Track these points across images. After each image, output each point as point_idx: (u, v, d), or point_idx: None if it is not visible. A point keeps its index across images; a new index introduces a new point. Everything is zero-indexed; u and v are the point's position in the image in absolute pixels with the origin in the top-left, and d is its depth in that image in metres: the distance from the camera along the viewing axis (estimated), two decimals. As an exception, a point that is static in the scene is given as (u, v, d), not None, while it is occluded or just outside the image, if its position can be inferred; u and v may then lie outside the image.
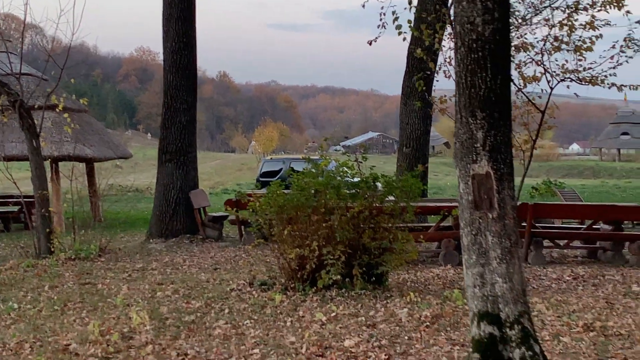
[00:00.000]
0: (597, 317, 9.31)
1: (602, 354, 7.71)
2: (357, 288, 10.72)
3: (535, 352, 5.43)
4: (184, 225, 17.80)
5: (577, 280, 12.40)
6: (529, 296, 10.49)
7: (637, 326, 8.87)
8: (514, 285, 5.45)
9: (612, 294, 11.07)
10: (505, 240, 5.45)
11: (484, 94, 5.48)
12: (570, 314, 9.46)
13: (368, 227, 11.06)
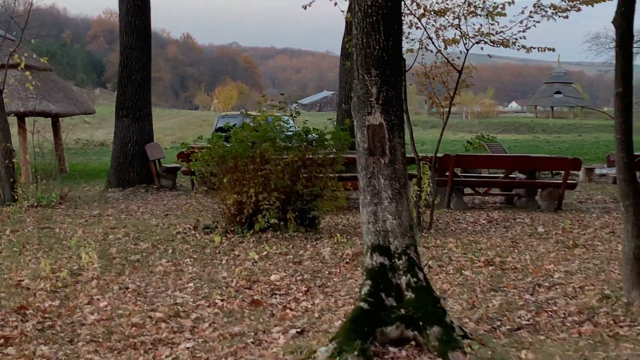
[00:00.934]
0: (499, 254, 9.77)
1: (495, 284, 8.16)
2: (290, 230, 11.09)
3: (419, 278, 5.79)
4: (140, 176, 17.97)
5: (491, 223, 12.87)
6: (446, 237, 10.98)
7: (532, 261, 9.34)
8: (402, 222, 5.79)
9: (518, 235, 11.55)
10: (395, 183, 5.78)
11: (377, 54, 5.77)
12: (475, 252, 9.90)
13: (302, 176, 11.39)
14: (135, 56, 18.13)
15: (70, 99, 24.49)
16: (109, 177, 18.48)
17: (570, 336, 6.20)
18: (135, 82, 18.09)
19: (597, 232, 11.69)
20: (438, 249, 10.16)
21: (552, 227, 12.16)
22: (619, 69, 6.84)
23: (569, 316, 6.79)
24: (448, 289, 7.96)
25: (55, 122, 24.23)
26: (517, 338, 6.12)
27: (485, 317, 6.76)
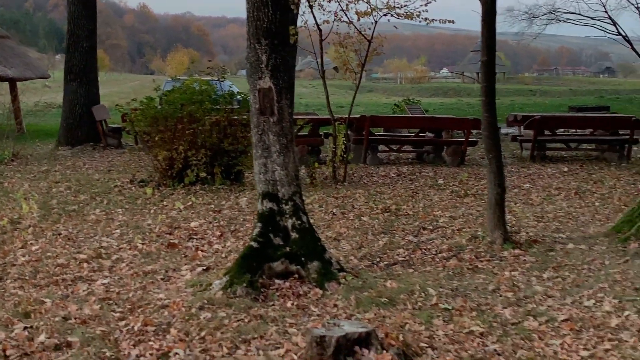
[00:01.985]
0: (397, 202, 10.19)
1: (386, 228, 8.59)
2: (217, 183, 11.38)
3: (303, 221, 6.17)
4: (87, 135, 17.95)
5: (399, 177, 13.25)
6: (357, 188, 11.36)
7: (424, 209, 9.79)
8: (289, 172, 6.13)
9: (420, 186, 11.98)
10: (282, 139, 6.11)
11: (267, 25, 6.05)
12: (377, 201, 10.30)
13: (228, 134, 11.65)
14: (82, 25, 18.04)
15: (26, 65, 24.26)
16: (59, 136, 18.45)
17: (435, 269, 6.68)
18: (82, 49, 18.02)
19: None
20: (346, 198, 10.54)
21: (451, 180, 12.63)
22: (484, 40, 7.24)
23: (439, 253, 7.27)
24: (345, 232, 8.36)
25: (12, 86, 23.98)
26: (390, 271, 6.58)
27: (368, 255, 7.21)
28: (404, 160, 15.98)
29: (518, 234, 7.99)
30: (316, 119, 14.69)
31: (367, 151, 14.82)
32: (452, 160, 14.80)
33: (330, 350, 4.36)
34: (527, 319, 5.28)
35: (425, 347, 4.67)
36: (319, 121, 14.56)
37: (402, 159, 16.18)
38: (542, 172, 13.60)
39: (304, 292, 5.83)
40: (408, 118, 17.62)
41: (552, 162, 14.86)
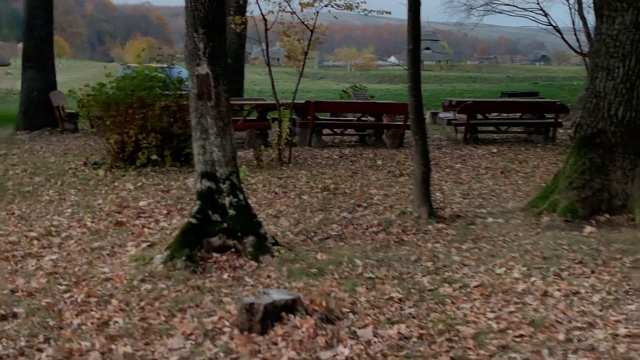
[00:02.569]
0: (337, 182, 10.33)
1: (324, 205, 8.73)
2: (167, 165, 11.39)
3: (240, 199, 6.26)
4: (45, 120, 17.72)
5: (341, 158, 13.38)
6: (300, 169, 11.47)
7: (361, 187, 9.95)
8: (226, 154, 6.22)
9: (360, 167, 12.13)
10: (219, 122, 6.18)
11: (203, 15, 6.11)
12: (317, 180, 10.44)
13: (177, 118, 11.65)
14: (38, 14, 17.79)
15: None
16: (18, 121, 18.19)
17: (364, 242, 6.85)
18: (38, 37, 17.78)
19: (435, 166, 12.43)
20: (289, 178, 10.65)
21: (389, 161, 12.81)
22: (410, 30, 7.40)
23: (370, 228, 7.44)
24: (285, 209, 8.47)
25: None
26: (322, 245, 6.73)
27: (304, 230, 7.34)
28: (347, 143, 16.10)
29: (444, 210, 8.22)
30: (263, 104, 14.74)
31: (311, 134, 14.91)
32: (392, 143, 15.00)
33: (259, 316, 4.49)
34: (443, 286, 5.49)
35: (347, 311, 4.83)
36: (266, 106, 14.61)
37: (345, 142, 16.30)
38: (473, 153, 13.88)
39: (240, 265, 5.95)
40: (350, 103, 17.77)
41: (483, 144, 15.15)
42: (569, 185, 7.46)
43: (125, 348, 4.26)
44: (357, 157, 13.41)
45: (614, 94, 7.21)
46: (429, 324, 4.64)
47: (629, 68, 7.15)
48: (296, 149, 13.21)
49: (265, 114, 15.07)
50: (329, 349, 4.23)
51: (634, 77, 7.14)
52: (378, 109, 15.66)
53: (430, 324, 4.65)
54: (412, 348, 4.28)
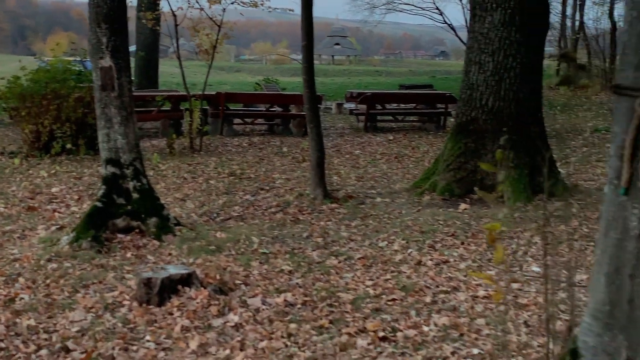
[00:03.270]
0: (243, 168, 10.41)
1: (229, 189, 8.80)
2: (81, 154, 11.20)
3: (143, 183, 6.28)
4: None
5: (250, 146, 13.43)
6: (210, 157, 11.46)
7: (265, 172, 10.04)
8: (129, 141, 6.22)
9: (267, 154, 12.22)
10: (123, 111, 6.18)
11: (105, 11, 6.09)
12: (225, 166, 10.49)
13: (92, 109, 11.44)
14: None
15: None
16: (-64, 114, 17.47)
17: (263, 221, 6.98)
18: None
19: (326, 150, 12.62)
20: (198, 165, 10.66)
21: (294, 148, 12.95)
22: (304, 27, 7.55)
23: (269, 209, 7.58)
24: (191, 193, 8.51)
25: None
26: (223, 225, 6.82)
27: (208, 212, 7.42)
28: (257, 132, 16.15)
29: (338, 192, 8.43)
30: (175, 95, 14.61)
31: (223, 124, 14.92)
32: (298, 131, 15.14)
33: (156, 290, 4.57)
34: (330, 259, 5.68)
35: (240, 283, 4.96)
36: (178, 97, 14.48)
37: (255, 131, 16.34)
38: (372, 140, 14.17)
39: (143, 244, 5.98)
40: (259, 95, 17.81)
41: (382, 132, 15.47)
42: (447, 167, 7.80)
43: (29, 321, 4.26)
44: (265, 145, 13.50)
45: (485, 86, 7.57)
46: (313, 292, 4.83)
47: (497, 62, 7.52)
48: (208, 138, 13.22)
49: (178, 105, 14.94)
50: (220, 316, 4.36)
51: (502, 70, 7.51)
52: (284, 100, 15.78)
53: (314, 292, 4.84)
54: (296, 313, 4.46)
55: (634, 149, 2.49)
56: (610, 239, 2.61)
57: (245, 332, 4.13)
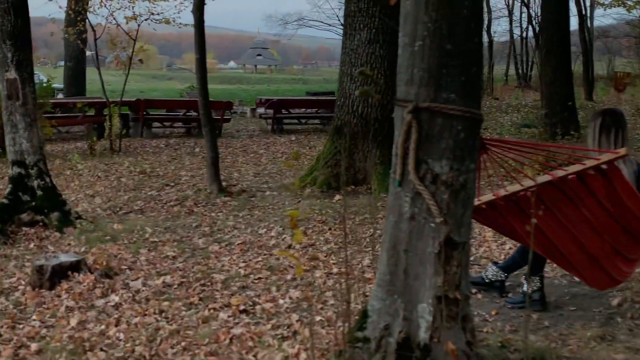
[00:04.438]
0: (154, 166, 10.38)
1: (137, 186, 8.77)
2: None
3: (47, 182, 6.25)
4: None
5: (167, 147, 13.30)
6: (128, 157, 11.35)
7: (173, 171, 10.03)
8: (33, 144, 6.17)
9: (180, 154, 12.20)
10: (27, 118, 6.13)
11: (10, 30, 6.03)
12: (138, 166, 10.42)
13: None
14: None
15: None
16: None
17: (160, 214, 7.06)
18: None
19: (232, 150, 12.74)
20: (114, 164, 10.57)
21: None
22: (197, 42, 7.64)
23: (169, 202, 7.65)
24: (102, 190, 8.47)
25: None
26: (123, 217, 6.86)
27: (112, 206, 7.42)
28: (176, 134, 16.06)
29: (234, 186, 8.57)
30: (97, 102, 14.34)
31: (142, 127, 14.81)
32: (211, 134, 15.16)
33: (47, 275, 4.62)
34: (213, 245, 5.83)
35: (126, 268, 5.05)
36: (98, 104, 14.20)
37: (175, 133, 16.26)
38: (277, 141, 14.33)
39: (46, 236, 5.98)
40: (176, 101, 17.66)
41: (287, 134, 15.67)
42: (325, 164, 8.06)
43: None
44: (180, 146, 13.46)
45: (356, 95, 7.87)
46: (191, 274, 4.97)
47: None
48: (129, 140, 13.11)
49: (101, 111, 14.71)
50: (103, 297, 4.45)
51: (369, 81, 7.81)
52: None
53: (191, 274, 4.98)
54: (172, 293, 4.59)
55: (404, 149, 2.76)
56: (389, 221, 2.88)
57: (123, 310, 4.24)
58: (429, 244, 2.77)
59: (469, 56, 2.72)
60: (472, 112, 2.73)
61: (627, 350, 3.60)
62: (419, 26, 2.70)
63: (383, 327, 2.83)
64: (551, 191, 3.30)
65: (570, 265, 3.76)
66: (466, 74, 2.72)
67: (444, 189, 2.73)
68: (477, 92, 2.79)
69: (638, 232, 3.60)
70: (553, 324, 4.03)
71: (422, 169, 2.74)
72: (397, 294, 2.84)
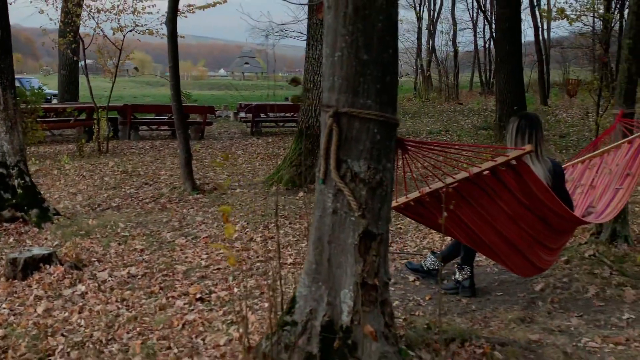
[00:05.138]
0: (136, 166, 10.35)
1: (118, 185, 8.73)
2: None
3: (27, 181, 6.23)
4: None
5: (152, 148, 13.23)
6: (114, 158, 11.28)
7: (153, 170, 10.01)
8: (14, 146, 6.15)
9: (163, 155, 12.16)
10: (8, 122, 6.10)
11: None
12: (121, 166, 10.39)
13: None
14: None
15: None
16: None
17: (134, 210, 7.04)
18: None
19: (212, 151, 12.72)
20: (100, 165, 10.52)
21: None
22: (170, 51, 7.63)
23: (144, 199, 7.63)
24: (84, 188, 8.43)
25: None
26: (100, 213, 6.84)
27: (92, 203, 7.39)
28: (162, 136, 16.02)
29: (208, 184, 8.56)
30: (83, 107, 14.23)
31: (130, 130, 14.75)
32: (195, 136, 15.10)
33: (20, 267, 4.61)
34: (179, 238, 5.84)
35: (95, 260, 5.05)
36: (87, 109, 14.10)
37: (161, 135, 16.21)
38: (255, 142, 14.34)
39: (25, 231, 5.95)
40: (160, 105, 17.59)
41: (264, 136, 15.69)
42: (290, 163, 8.09)
43: None
44: (164, 147, 13.42)
45: (318, 100, 7.90)
46: (155, 266, 4.98)
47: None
48: (117, 142, 13.04)
49: (92, 115, 14.61)
50: (70, 287, 4.45)
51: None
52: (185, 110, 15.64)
53: (156, 265, 5.00)
54: (135, 283, 4.60)
55: (326, 150, 2.80)
56: (315, 216, 2.92)
57: (88, 298, 4.25)
58: (349, 235, 2.81)
59: (384, 66, 2.76)
60: (386, 116, 2.77)
61: (542, 331, 3.68)
62: (338, 38, 2.74)
63: (309, 311, 2.87)
64: (469, 187, 3.36)
65: (495, 255, 3.82)
66: (381, 82, 2.76)
67: (362, 186, 2.77)
68: (393, 98, 2.84)
69: (555, 224, 3.68)
70: (479, 307, 4.10)
71: (342, 168, 2.78)
72: (322, 281, 2.88)
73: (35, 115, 11.63)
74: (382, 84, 2.77)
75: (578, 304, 4.09)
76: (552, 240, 3.84)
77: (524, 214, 3.57)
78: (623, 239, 5.14)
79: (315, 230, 2.91)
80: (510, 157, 3.18)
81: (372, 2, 2.69)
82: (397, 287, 4.54)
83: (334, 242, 2.84)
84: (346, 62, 2.74)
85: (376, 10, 2.70)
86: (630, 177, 4.11)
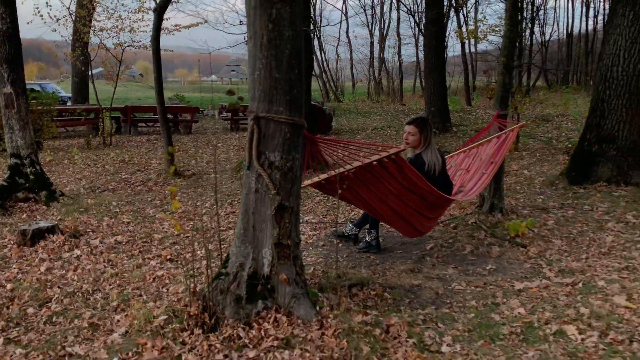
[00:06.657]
0: (134, 157, 10.41)
1: (115, 170, 8.86)
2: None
3: (37, 169, 6.32)
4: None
5: (148, 142, 13.21)
6: (115, 150, 11.30)
7: (147, 160, 10.09)
8: (26, 141, 6.25)
9: (156, 147, 12.17)
10: (21, 122, 6.21)
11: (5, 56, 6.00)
12: (121, 156, 10.44)
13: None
14: None
15: None
16: None
17: (126, 192, 7.16)
18: None
19: (197, 144, 12.79)
20: (103, 155, 10.55)
21: (177, 143, 12.99)
22: (155, 65, 7.75)
23: (135, 183, 7.77)
24: (88, 174, 8.52)
25: None
26: (98, 195, 6.98)
27: (92, 186, 7.52)
28: (157, 132, 15.95)
29: (188, 171, 8.72)
30: (90, 108, 14.16)
31: (130, 127, 14.76)
32: (184, 131, 15.20)
33: (29, 236, 4.80)
34: (159, 213, 6.04)
35: (89, 231, 5.25)
36: (95, 110, 14.05)
37: (156, 131, 16.17)
38: (232, 137, 14.34)
39: (36, 209, 6.10)
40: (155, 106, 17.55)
41: (242, 131, 15.77)
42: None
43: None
44: (158, 141, 13.38)
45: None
46: (137, 234, 5.21)
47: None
48: (120, 137, 13.05)
49: (98, 115, 14.58)
50: (69, 252, 4.66)
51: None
52: (175, 110, 15.73)
53: (138, 234, 5.22)
54: (120, 248, 4.83)
55: (250, 144, 3.08)
56: (243, 194, 3.20)
57: (82, 260, 4.47)
58: (268, 208, 3.10)
59: (292, 82, 3.05)
60: (294, 119, 3.06)
61: (424, 278, 4.03)
62: (257, 61, 3.01)
63: (238, 265, 3.16)
64: (363, 172, 3.69)
65: (387, 221, 4.17)
66: (290, 94, 3.04)
67: (277, 171, 3.07)
68: (300, 106, 3.12)
69: (430, 200, 4.03)
70: (381, 262, 4.44)
71: (262, 158, 3.06)
72: (248, 242, 3.17)
73: (50, 115, 11.60)
74: (291, 96, 3.05)
75: (456, 258, 4.45)
76: (429, 211, 4.19)
77: (405, 193, 3.91)
78: (498, 210, 5.54)
79: (243, 205, 3.20)
80: (390, 152, 3.51)
81: (281, 35, 2.97)
82: (325, 248, 4.85)
83: (257, 213, 3.13)
84: (263, 79, 3.01)
85: (284, 41, 2.98)
86: (493, 164, 4.48)
